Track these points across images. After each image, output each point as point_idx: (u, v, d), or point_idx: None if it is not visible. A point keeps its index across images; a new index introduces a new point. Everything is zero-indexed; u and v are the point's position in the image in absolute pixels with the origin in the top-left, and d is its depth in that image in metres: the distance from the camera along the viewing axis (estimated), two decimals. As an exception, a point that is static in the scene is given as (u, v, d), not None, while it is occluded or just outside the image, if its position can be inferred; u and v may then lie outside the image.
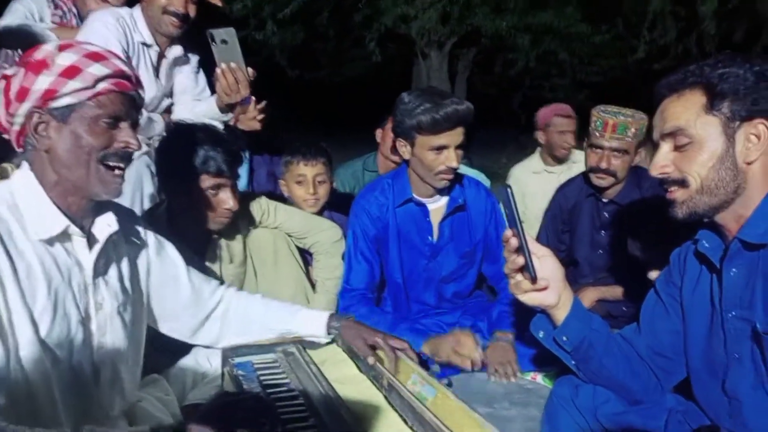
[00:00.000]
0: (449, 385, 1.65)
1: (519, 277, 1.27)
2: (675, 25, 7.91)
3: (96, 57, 1.16)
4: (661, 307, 1.39)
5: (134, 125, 1.24)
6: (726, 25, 7.92)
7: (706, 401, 1.29)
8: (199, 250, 1.90)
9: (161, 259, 1.47)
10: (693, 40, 7.94)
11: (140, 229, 1.44)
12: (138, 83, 1.25)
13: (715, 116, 1.15)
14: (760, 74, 1.14)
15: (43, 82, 1.13)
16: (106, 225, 1.25)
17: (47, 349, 1.12)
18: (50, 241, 1.16)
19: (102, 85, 1.16)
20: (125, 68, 1.21)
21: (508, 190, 1.18)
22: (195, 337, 1.61)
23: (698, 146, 1.17)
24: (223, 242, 1.96)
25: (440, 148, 1.91)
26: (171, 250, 1.51)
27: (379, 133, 3.06)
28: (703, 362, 1.28)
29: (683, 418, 1.31)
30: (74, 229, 1.19)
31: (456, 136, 1.91)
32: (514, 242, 1.22)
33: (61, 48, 1.16)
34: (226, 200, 1.81)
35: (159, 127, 2.38)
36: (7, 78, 1.16)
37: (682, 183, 1.20)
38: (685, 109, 1.18)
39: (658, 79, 1.28)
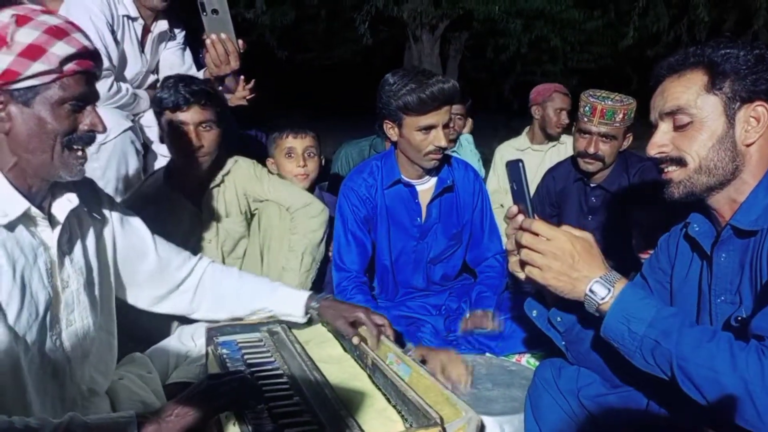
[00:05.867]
0: (423, 362, 1.65)
1: None
2: (667, 12, 7.90)
3: (59, 33, 1.08)
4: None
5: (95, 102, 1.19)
6: (717, 13, 7.93)
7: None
8: (196, 202, 2.00)
9: (125, 230, 1.43)
10: (684, 28, 7.94)
11: (103, 201, 1.40)
12: (98, 57, 1.18)
13: (717, 95, 1.15)
14: (760, 57, 1.14)
15: (1, 62, 1.03)
16: (66, 201, 1.20)
17: (16, 335, 1.08)
18: (11, 225, 1.10)
19: (67, 67, 1.08)
20: (88, 43, 1.13)
21: (520, 164, 1.16)
22: (158, 306, 1.56)
23: (698, 126, 1.16)
24: (218, 195, 2.03)
25: (428, 128, 1.90)
26: (136, 221, 1.48)
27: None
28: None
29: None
30: (35, 211, 1.14)
31: (443, 114, 1.89)
32: (520, 218, 1.19)
33: (19, 21, 1.05)
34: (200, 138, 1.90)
35: (145, 103, 2.35)
36: None
37: (680, 162, 1.19)
38: (687, 89, 1.18)
39: (650, 66, 1.28)
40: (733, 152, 1.15)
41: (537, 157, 3.34)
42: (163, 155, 2.35)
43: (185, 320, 1.70)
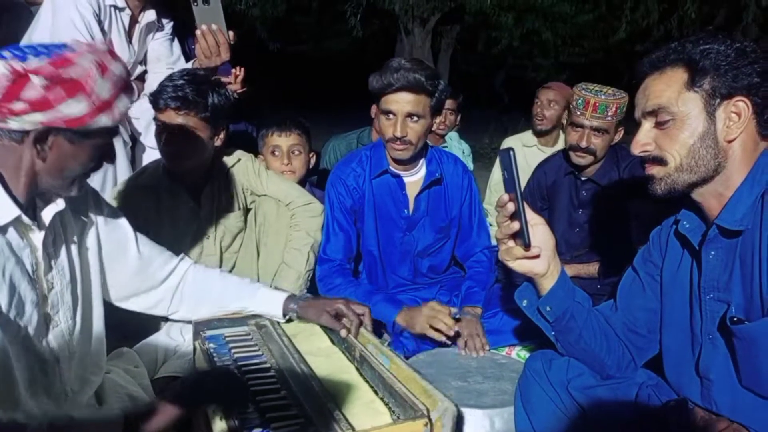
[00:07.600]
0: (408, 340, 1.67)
1: (511, 243, 1.26)
2: (657, 7, 7.93)
3: (123, 86, 1.14)
4: (638, 285, 1.40)
5: None
6: (707, 9, 7.97)
7: (678, 380, 1.31)
8: (195, 197, 1.98)
9: (109, 227, 1.43)
10: (674, 23, 7.97)
11: (89, 198, 1.39)
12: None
13: (696, 93, 1.15)
14: (740, 51, 1.13)
15: (74, 108, 1.05)
16: (53, 204, 1.22)
17: (5, 331, 1.08)
18: (3, 229, 1.12)
19: (121, 118, 1.16)
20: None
21: (510, 153, 1.16)
22: (129, 302, 1.53)
23: (679, 124, 1.16)
24: (218, 191, 2.01)
25: (387, 113, 1.90)
26: (120, 217, 1.47)
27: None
28: (678, 342, 1.30)
29: (653, 392, 1.32)
30: (26, 219, 1.15)
31: (403, 103, 1.86)
32: (510, 207, 1.20)
33: (102, 71, 1.08)
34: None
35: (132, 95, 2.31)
36: (25, 74, 1.02)
37: (661, 161, 1.19)
38: (667, 87, 1.17)
39: (640, 61, 1.26)
40: (715, 149, 1.15)
41: (542, 156, 3.32)
42: (151, 147, 2.32)
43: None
